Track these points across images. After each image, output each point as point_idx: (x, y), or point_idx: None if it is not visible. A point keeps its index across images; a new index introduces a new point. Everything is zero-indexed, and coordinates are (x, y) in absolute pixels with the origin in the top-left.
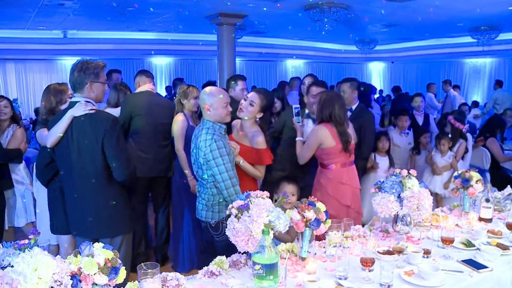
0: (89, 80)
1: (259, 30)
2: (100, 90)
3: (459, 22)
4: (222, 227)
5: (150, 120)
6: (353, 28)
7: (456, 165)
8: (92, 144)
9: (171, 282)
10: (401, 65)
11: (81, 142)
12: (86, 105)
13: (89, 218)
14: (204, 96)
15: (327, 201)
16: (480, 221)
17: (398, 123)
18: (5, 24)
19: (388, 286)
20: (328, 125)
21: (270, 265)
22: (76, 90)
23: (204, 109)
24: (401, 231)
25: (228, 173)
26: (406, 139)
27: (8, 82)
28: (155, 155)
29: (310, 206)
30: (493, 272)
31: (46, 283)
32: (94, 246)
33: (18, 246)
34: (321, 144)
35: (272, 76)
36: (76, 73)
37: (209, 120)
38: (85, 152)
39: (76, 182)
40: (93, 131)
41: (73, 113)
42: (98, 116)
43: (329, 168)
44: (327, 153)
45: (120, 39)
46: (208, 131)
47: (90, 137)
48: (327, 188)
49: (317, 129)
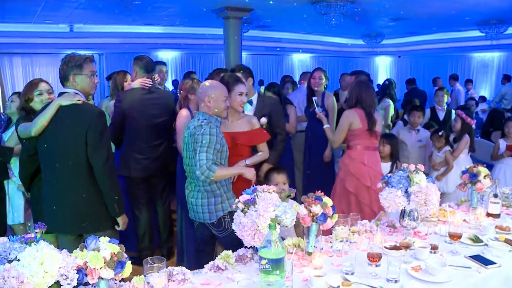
0: (71, 73)
1: (266, 24)
2: (85, 82)
3: (467, 15)
4: (225, 223)
5: (143, 121)
6: (360, 22)
7: (450, 160)
8: (75, 135)
9: (177, 277)
10: (408, 59)
11: (65, 132)
12: (74, 96)
13: (68, 213)
14: (205, 88)
15: (348, 179)
16: (488, 216)
17: (410, 119)
18: (12, 18)
19: (395, 281)
20: (357, 109)
21: (277, 260)
22: (64, 84)
23: (203, 101)
24: (408, 226)
25: (206, 154)
26: (416, 136)
27: (15, 75)
28: (150, 155)
29: (317, 201)
30: (501, 268)
31: (52, 277)
32: (100, 240)
33: (25, 240)
34: (350, 125)
35: (279, 70)
36: (61, 66)
37: (206, 112)
38: (67, 143)
39: (57, 175)
40: (77, 122)
41: (60, 102)
42: (84, 108)
43: (354, 149)
44: (354, 134)
45: (126, 33)
46: (204, 122)
47: (74, 128)
48: (349, 167)
49: (347, 113)
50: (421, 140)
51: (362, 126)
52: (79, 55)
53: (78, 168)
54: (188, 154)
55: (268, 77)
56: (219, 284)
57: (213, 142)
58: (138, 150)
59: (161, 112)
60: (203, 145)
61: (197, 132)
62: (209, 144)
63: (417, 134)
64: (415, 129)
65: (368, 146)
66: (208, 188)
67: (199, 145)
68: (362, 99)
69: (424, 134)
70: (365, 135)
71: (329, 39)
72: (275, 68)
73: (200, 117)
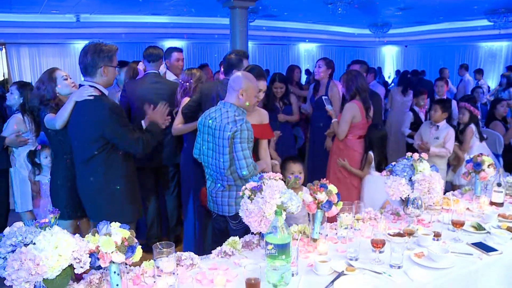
0: (103, 64)
1: (272, 13)
2: (112, 74)
3: (475, 4)
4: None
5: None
6: (367, 12)
7: (459, 153)
8: (88, 130)
9: (186, 262)
10: (415, 49)
11: (79, 128)
12: (87, 90)
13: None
14: (240, 80)
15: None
16: (491, 205)
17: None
18: (19, 8)
19: (398, 267)
20: (356, 101)
21: (283, 245)
22: (87, 74)
23: (236, 92)
24: (411, 214)
25: (249, 152)
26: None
27: (22, 66)
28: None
29: (322, 188)
30: (502, 255)
31: (66, 260)
32: (112, 225)
33: (40, 225)
34: (353, 118)
35: (285, 60)
36: (89, 56)
37: (235, 104)
38: (81, 137)
39: (76, 166)
40: (89, 118)
41: (75, 98)
42: (95, 104)
43: (347, 138)
44: (353, 126)
45: (132, 23)
46: (236, 113)
47: (86, 123)
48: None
49: (350, 105)
50: (438, 138)
51: (361, 119)
52: (106, 44)
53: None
54: (212, 146)
55: (274, 66)
56: (226, 269)
57: (251, 139)
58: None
59: (166, 102)
60: (243, 142)
61: (233, 127)
62: (248, 141)
63: (436, 130)
64: (435, 125)
65: (360, 135)
66: (232, 183)
67: (239, 141)
68: (360, 90)
69: (443, 132)
70: (362, 127)
71: (335, 29)
72: (281, 58)
73: (230, 109)
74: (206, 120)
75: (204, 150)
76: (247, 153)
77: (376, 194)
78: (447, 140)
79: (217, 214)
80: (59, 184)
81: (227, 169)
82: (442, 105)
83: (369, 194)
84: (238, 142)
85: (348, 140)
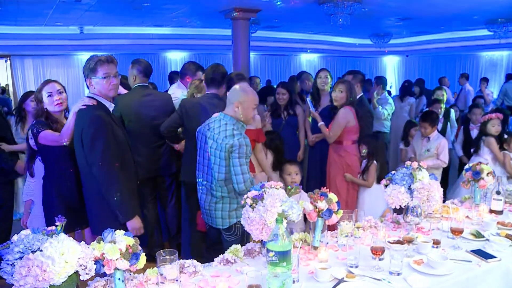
0: (87, 76)
1: (273, 24)
2: (100, 85)
3: (475, 14)
4: (235, 228)
5: (140, 124)
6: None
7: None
8: (77, 139)
9: (188, 269)
10: (416, 59)
11: (74, 136)
12: (83, 100)
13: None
14: (236, 92)
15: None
16: (491, 213)
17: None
18: (24, 21)
19: (397, 274)
20: (350, 107)
21: (284, 252)
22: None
23: (232, 104)
24: (411, 222)
25: (247, 167)
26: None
27: (26, 77)
28: (151, 157)
29: (322, 197)
30: (501, 262)
31: (72, 267)
32: (116, 233)
33: (46, 232)
34: (348, 123)
35: (287, 70)
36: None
37: (233, 116)
38: (77, 148)
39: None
40: (77, 126)
41: (73, 109)
42: (81, 113)
43: (344, 144)
44: (347, 131)
45: (135, 34)
46: (234, 127)
47: (76, 132)
48: (346, 159)
49: (344, 111)
50: (430, 150)
51: (355, 123)
52: (94, 57)
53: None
54: (208, 156)
55: (276, 77)
56: (228, 276)
57: (249, 154)
58: (139, 153)
59: (159, 114)
60: (242, 157)
61: (230, 141)
62: (246, 156)
63: (428, 142)
64: (426, 137)
65: (354, 141)
66: (226, 194)
67: (237, 156)
68: (354, 99)
69: (435, 143)
70: (356, 131)
71: (336, 39)
72: (283, 68)
73: (229, 122)
74: (205, 129)
75: (200, 159)
76: (244, 169)
77: (377, 202)
78: (440, 151)
79: (210, 226)
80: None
81: (222, 180)
82: (430, 120)
83: (370, 203)
84: (236, 157)
85: (346, 147)
